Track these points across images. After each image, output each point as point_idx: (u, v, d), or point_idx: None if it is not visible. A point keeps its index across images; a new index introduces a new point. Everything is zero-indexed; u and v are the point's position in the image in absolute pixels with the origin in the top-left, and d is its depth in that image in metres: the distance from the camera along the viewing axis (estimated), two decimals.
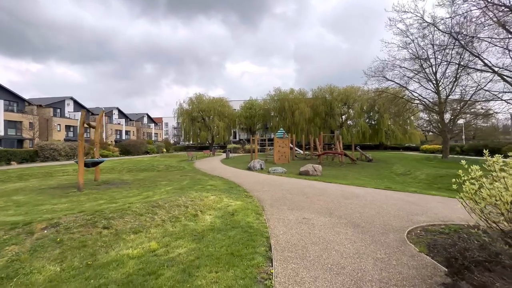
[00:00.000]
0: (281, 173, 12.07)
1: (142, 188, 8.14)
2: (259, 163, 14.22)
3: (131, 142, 32.13)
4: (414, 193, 7.19)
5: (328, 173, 12.40)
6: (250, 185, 8.59)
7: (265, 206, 5.68)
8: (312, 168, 11.68)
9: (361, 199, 6.40)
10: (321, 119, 47.83)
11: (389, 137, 45.97)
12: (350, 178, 10.92)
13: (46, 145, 20.87)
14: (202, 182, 9.07)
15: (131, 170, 13.42)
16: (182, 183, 9.04)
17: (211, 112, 50.37)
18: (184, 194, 6.07)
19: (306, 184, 8.87)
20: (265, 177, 10.89)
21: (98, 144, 10.25)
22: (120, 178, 10.75)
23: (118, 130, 55.75)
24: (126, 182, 9.51)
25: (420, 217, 4.87)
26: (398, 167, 14.69)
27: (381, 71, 25.03)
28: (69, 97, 45.56)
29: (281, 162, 18.40)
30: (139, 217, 4.28)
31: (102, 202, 5.96)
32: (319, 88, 50.18)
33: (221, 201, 5.79)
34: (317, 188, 8.01)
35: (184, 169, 14.08)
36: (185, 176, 11.13)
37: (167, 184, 8.86)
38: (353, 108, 47.74)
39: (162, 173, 12.69)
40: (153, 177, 10.86)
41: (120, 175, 12.11)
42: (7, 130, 33.44)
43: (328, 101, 48.12)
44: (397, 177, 11.59)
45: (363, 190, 7.66)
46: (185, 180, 9.67)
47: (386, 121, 44.62)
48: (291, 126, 45.75)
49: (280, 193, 7.15)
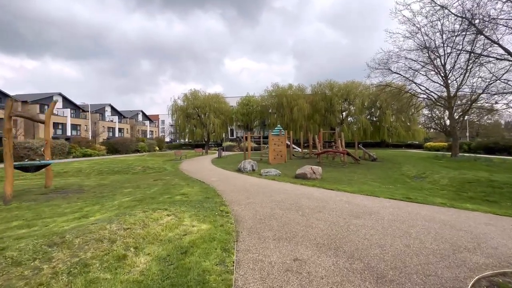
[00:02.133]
0: (275, 176, 10.33)
1: (93, 199, 6.39)
2: (250, 164, 12.48)
3: (119, 140, 30.29)
4: (445, 207, 5.46)
5: (329, 176, 10.67)
6: (233, 194, 6.84)
7: (241, 233, 3.94)
8: (311, 171, 9.94)
9: (376, 218, 4.67)
10: (321, 115, 46.04)
11: (391, 134, 44.23)
12: (355, 182, 9.18)
13: (20, 143, 19.05)
14: (173, 190, 7.32)
15: (101, 173, 11.66)
16: (149, 191, 7.29)
17: (207, 109, 48.52)
18: (128, 214, 4.31)
19: (302, 192, 7.13)
20: (255, 181, 9.15)
21: (49, 142, 8.48)
22: (81, 183, 9.00)
23: (111, 127, 53.93)
24: (81, 189, 7.76)
25: (474, 256, 3.15)
26: (408, 167, 12.97)
27: (386, 63, 23.25)
28: (57, 93, 43.58)
29: (276, 162, 16.67)
30: (12, 269, 2.52)
31: (13, 226, 4.21)
32: (319, 84, 48.32)
33: (178, 225, 4.04)
34: (316, 198, 6.27)
35: (164, 171, 12.33)
36: (160, 180, 9.39)
37: (130, 192, 7.11)
38: (354, 104, 45.94)
39: (136, 176, 10.94)
40: (120, 182, 9.11)
41: (85, 179, 10.37)
42: None
43: (328, 97, 46.30)
44: (411, 182, 9.85)
45: (376, 202, 5.92)
46: (155, 187, 7.92)
47: (388, 117, 42.85)
48: (289, 123, 43.97)
49: (267, 207, 5.41)
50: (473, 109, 23.32)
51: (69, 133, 42.28)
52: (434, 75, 23.00)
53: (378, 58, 23.43)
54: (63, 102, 44.32)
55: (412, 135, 43.69)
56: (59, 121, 41.69)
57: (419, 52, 22.49)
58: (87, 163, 16.32)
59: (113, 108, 57.77)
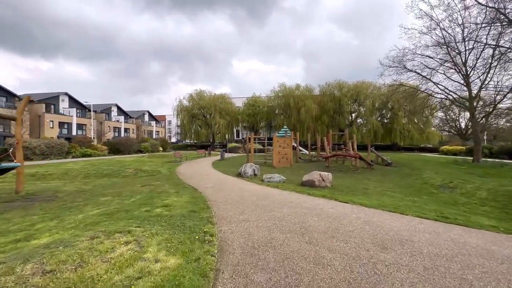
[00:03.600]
0: (278, 183, 9.11)
1: (58, 210, 5.35)
2: (252, 168, 11.30)
3: (121, 140, 29.66)
4: (499, 233, 4.13)
5: (340, 184, 9.37)
6: (226, 207, 5.68)
7: (222, 273, 2.77)
8: (319, 178, 8.67)
9: (411, 250, 3.41)
10: (329, 117, 44.46)
11: (403, 137, 42.17)
12: (372, 192, 7.86)
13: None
14: (157, 200, 6.21)
15: (88, 176, 10.72)
16: (128, 200, 6.21)
17: (212, 109, 47.70)
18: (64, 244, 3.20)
19: (310, 205, 5.90)
20: (254, 189, 7.97)
21: (20, 142, 7.53)
22: (59, 188, 8.02)
23: (117, 127, 53.80)
24: (54, 196, 6.76)
25: None
26: (430, 174, 11.48)
27: (400, 61, 21.72)
28: (63, 93, 43.63)
29: (281, 166, 15.42)
30: None
31: None
32: (327, 84, 46.74)
33: (135, 260, 2.89)
34: (327, 215, 5.04)
35: (158, 175, 11.29)
36: (148, 186, 8.33)
37: (105, 202, 6.04)
38: (364, 105, 44.14)
39: (124, 180, 9.92)
40: (103, 188, 8.10)
41: (67, 183, 9.42)
42: None
43: (336, 98, 44.70)
44: (439, 193, 8.42)
45: (404, 222, 4.64)
46: (138, 195, 6.84)
47: (400, 119, 40.88)
48: (296, 124, 42.57)
49: (265, 228, 4.21)
50: (498, 110, 21.47)
51: (74, 132, 42.18)
52: (453, 74, 21.38)
53: (392, 56, 21.89)
54: (69, 102, 44.34)
55: (426, 138, 41.54)
56: (65, 120, 41.66)
57: (437, 48, 20.95)
58: (81, 164, 15.50)
59: (120, 108, 57.73)
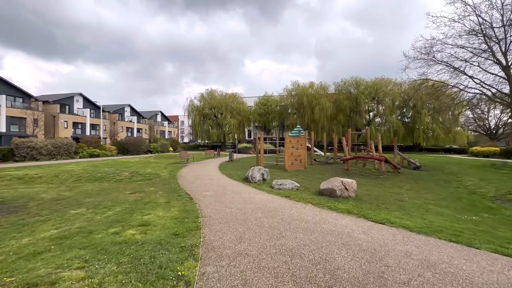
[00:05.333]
0: (290, 192, 7.64)
1: (5, 229, 4.20)
2: (261, 172, 9.87)
3: (130, 140, 29.19)
4: None
5: (366, 193, 7.74)
6: (220, 229, 4.31)
7: None
8: (341, 186, 7.10)
9: None
10: (345, 116, 42.17)
11: (427, 137, 39.06)
12: (410, 205, 6.19)
13: (23, 142, 18.16)
14: (138, 214, 4.96)
15: (79, 180, 9.73)
16: (104, 214, 5.00)
17: (223, 109, 46.70)
18: None
19: (334, 227, 4.40)
20: (262, 199, 6.55)
21: None
22: (36, 195, 7.01)
23: (129, 127, 54.17)
24: (22, 206, 5.69)
25: None
26: (474, 181, 9.54)
27: (428, 53, 19.49)
28: (78, 93, 44.22)
29: (294, 169, 13.88)
30: None
31: None
32: (343, 81, 44.42)
33: None
34: (360, 247, 3.53)
35: (155, 179, 10.12)
36: (137, 193, 7.14)
37: (73, 217, 4.86)
38: (383, 103, 41.42)
39: (115, 185, 8.81)
40: (85, 195, 7.00)
41: (52, 187, 8.44)
42: (10, 126, 32.16)
43: (353, 96, 42.30)
44: (499, 207, 6.57)
45: (484, 265, 3.04)
46: (120, 206, 5.63)
47: (424, 118, 37.88)
48: (310, 123, 40.64)
49: (269, 274, 2.78)
50: None
51: (88, 132, 42.63)
52: (491, 65, 18.92)
53: (419, 46, 19.66)
54: (83, 102, 44.91)
55: (452, 138, 38.27)
56: (79, 120, 42.17)
57: (471, 37, 18.61)
58: (83, 165, 14.76)
59: (133, 109, 58.19)
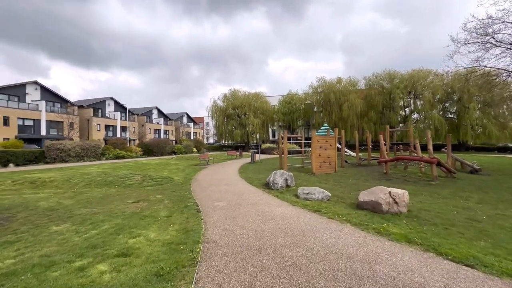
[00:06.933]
0: (320, 203, 6.15)
1: None
2: (284, 177, 8.47)
3: (154, 142, 29.51)
4: None
5: (421, 207, 5.96)
6: (222, 268, 3.05)
7: None
8: (388, 198, 5.44)
9: None
10: (377, 112, 38.76)
11: (476, 134, 34.15)
12: (496, 230, 4.35)
13: (53, 144, 18.82)
14: (125, 235, 3.92)
15: (89, 184, 9.17)
16: (82, 235, 4.04)
17: (246, 109, 45.87)
18: None
19: (393, 271, 2.90)
20: (284, 215, 5.19)
21: None
22: (36, 203, 6.41)
23: (157, 129, 55.84)
24: (6, 218, 4.99)
25: None
26: None
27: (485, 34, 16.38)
28: (109, 98, 46.47)
29: (323, 172, 12.23)
30: None
31: None
32: (375, 75, 40.93)
33: None
34: None
35: (166, 184, 9.24)
36: (140, 202, 6.20)
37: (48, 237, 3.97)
38: (421, 97, 37.26)
39: (122, 191, 8.03)
40: (82, 204, 6.25)
41: (59, 193, 7.90)
42: (49, 130, 34.51)
43: (386, 91, 38.75)
44: None
45: None
46: (110, 221, 4.67)
47: (472, 112, 33.21)
48: (338, 121, 37.99)
49: None
50: None
51: (118, 134, 44.54)
52: None
53: (472, 27, 16.64)
54: (114, 106, 47.07)
55: (509, 135, 32.97)
56: (110, 123, 44.19)
57: None
58: (104, 167, 14.63)
59: (160, 111, 60.02)
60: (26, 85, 33.83)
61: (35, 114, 32.35)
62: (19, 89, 32.86)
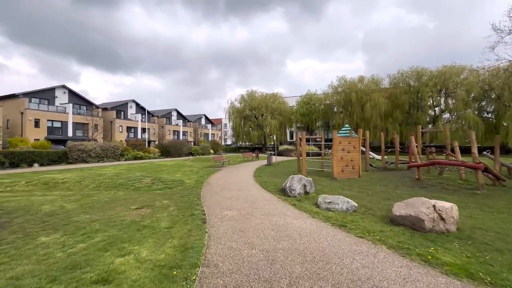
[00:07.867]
0: (345, 216, 5.25)
1: None
2: (302, 183, 7.62)
3: (171, 143, 29.75)
4: None
5: (473, 224, 4.86)
6: None
7: None
8: (433, 213, 4.43)
9: None
10: (403, 112, 36.27)
11: None
12: None
13: (75, 145, 19.39)
14: (114, 252, 3.37)
15: (98, 186, 8.92)
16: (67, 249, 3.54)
17: (263, 110, 45.19)
18: None
19: None
20: (302, 231, 4.39)
21: None
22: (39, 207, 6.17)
23: (176, 130, 56.89)
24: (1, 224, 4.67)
25: None
26: None
27: None
28: (131, 100, 48.05)
29: (345, 177, 11.16)
30: None
31: None
32: (400, 73, 38.38)
33: None
34: None
35: (177, 187, 8.76)
36: (144, 209, 5.70)
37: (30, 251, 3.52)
38: (454, 96, 34.24)
39: (129, 195, 7.64)
40: (83, 210, 5.88)
41: (67, 196, 7.67)
42: (75, 131, 36.20)
43: (413, 89, 36.17)
44: None
45: None
46: (106, 231, 4.16)
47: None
48: (360, 122, 36.01)
49: None
50: None
51: (139, 136, 45.82)
52: None
53: None
54: (135, 108, 48.57)
55: None
56: (132, 125, 45.58)
57: None
58: (120, 168, 14.65)
59: (179, 113, 61.17)
60: (55, 89, 35.77)
61: (62, 116, 33.99)
62: (49, 93, 34.83)
